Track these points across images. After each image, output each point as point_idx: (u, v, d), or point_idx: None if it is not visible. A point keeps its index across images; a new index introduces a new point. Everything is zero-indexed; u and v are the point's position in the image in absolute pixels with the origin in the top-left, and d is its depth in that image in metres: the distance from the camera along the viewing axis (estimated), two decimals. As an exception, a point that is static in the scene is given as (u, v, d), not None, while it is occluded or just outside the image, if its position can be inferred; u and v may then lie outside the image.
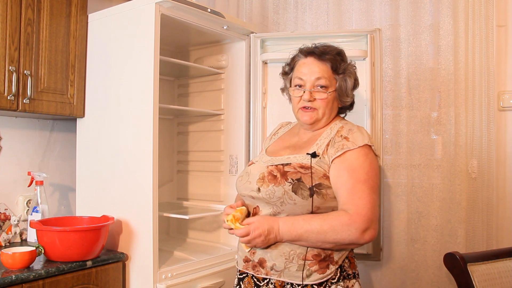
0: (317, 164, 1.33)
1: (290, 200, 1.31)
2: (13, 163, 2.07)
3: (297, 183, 1.30)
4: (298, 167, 1.33)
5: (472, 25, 2.07)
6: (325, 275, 1.29)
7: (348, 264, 1.35)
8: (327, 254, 1.30)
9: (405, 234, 2.21)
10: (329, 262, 1.30)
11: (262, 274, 1.35)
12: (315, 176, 1.31)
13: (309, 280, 1.29)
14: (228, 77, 2.30)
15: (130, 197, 1.84)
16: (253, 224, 1.31)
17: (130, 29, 1.87)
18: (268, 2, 2.55)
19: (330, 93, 1.40)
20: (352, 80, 1.42)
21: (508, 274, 1.67)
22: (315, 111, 1.41)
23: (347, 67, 1.43)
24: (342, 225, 1.25)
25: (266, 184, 1.34)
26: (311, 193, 1.29)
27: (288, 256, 1.31)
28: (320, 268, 1.29)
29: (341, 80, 1.41)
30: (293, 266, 1.31)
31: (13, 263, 1.53)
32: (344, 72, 1.41)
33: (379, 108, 2.03)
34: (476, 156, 2.06)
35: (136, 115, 1.83)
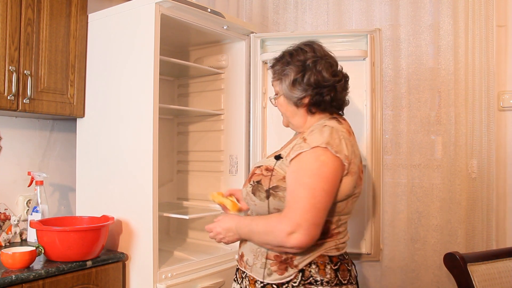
0: (279, 166, 1.34)
1: (251, 201, 1.37)
2: (13, 163, 2.07)
3: (256, 185, 1.35)
4: (264, 170, 1.37)
5: (472, 25, 2.07)
6: (283, 277, 1.31)
7: (316, 269, 1.30)
8: (288, 257, 1.30)
9: (405, 234, 2.21)
10: (288, 264, 1.30)
11: (242, 267, 1.43)
12: (274, 179, 1.32)
13: (269, 279, 1.32)
14: (228, 77, 2.30)
15: (130, 197, 1.84)
16: (217, 222, 1.43)
17: (130, 29, 1.87)
18: (268, 2, 2.55)
19: (277, 98, 1.46)
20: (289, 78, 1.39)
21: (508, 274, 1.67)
22: (283, 116, 1.49)
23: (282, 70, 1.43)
24: (271, 226, 1.26)
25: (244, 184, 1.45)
26: (267, 195, 1.32)
27: (256, 253, 1.36)
28: (279, 269, 1.31)
29: (280, 83, 1.43)
30: (258, 263, 1.35)
31: (13, 263, 1.53)
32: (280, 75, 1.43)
33: (379, 108, 2.03)
34: (476, 156, 2.06)
35: (136, 115, 1.83)
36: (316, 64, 1.38)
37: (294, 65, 1.40)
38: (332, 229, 1.34)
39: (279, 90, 1.45)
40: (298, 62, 1.40)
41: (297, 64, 1.39)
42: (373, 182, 2.01)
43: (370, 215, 2.00)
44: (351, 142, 1.34)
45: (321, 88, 1.38)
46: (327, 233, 1.32)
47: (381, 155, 2.05)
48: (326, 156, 1.25)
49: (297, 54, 1.42)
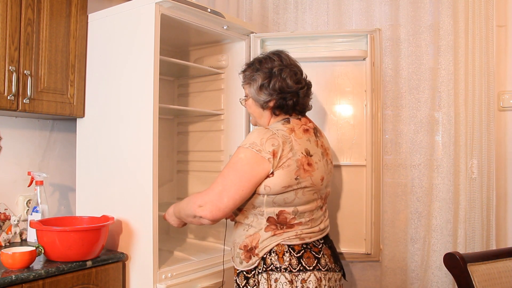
0: None
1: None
2: (13, 163, 2.07)
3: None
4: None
5: (472, 25, 2.07)
6: (249, 264, 1.50)
7: (276, 257, 1.46)
8: (252, 246, 1.49)
9: (405, 234, 2.21)
10: (251, 253, 1.49)
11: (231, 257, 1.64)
12: None
13: (241, 267, 1.52)
14: (228, 77, 2.30)
15: (130, 197, 1.84)
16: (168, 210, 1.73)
17: (130, 29, 1.87)
18: (268, 2, 2.55)
19: (246, 100, 1.65)
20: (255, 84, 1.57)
21: (508, 274, 1.67)
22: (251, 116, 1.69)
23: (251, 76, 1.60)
24: (190, 200, 1.53)
25: None
26: None
27: (233, 245, 1.58)
28: (246, 257, 1.50)
29: (249, 87, 1.61)
30: (234, 253, 1.56)
31: (13, 263, 1.52)
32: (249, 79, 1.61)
33: (379, 108, 2.04)
34: (476, 156, 2.06)
35: (136, 115, 1.83)
36: (282, 72, 1.55)
37: (262, 71, 1.57)
38: (289, 219, 1.47)
39: (248, 93, 1.62)
40: (266, 69, 1.57)
41: (265, 71, 1.57)
42: (373, 182, 2.01)
43: (370, 215, 2.00)
44: (289, 139, 1.46)
45: (285, 94, 1.54)
46: (285, 224, 1.47)
47: (381, 155, 2.05)
48: (244, 154, 1.46)
49: (266, 62, 1.59)
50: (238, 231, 1.55)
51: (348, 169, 2.06)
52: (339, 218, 2.06)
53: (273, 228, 1.47)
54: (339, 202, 2.06)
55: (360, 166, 2.03)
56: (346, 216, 2.06)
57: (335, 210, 2.05)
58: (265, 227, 1.48)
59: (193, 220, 1.53)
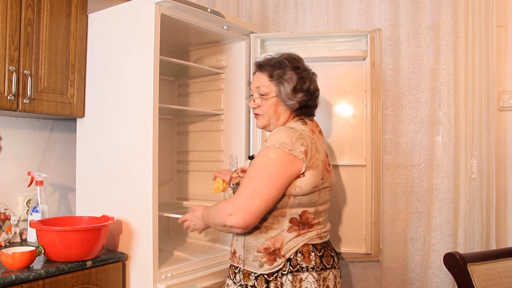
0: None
1: None
2: (13, 163, 2.07)
3: (236, 187, 1.48)
4: (240, 172, 1.53)
5: (472, 25, 2.07)
6: (273, 267, 1.43)
7: (302, 258, 1.44)
8: (276, 248, 1.44)
9: (405, 234, 2.21)
10: (276, 255, 1.44)
11: (235, 263, 1.55)
12: None
13: (262, 270, 1.45)
14: (228, 77, 2.30)
15: (130, 197, 1.84)
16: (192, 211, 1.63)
17: (130, 29, 1.87)
18: (268, 2, 2.55)
19: (267, 99, 1.54)
20: (290, 84, 1.51)
21: (508, 274, 1.67)
22: (261, 117, 1.58)
23: (283, 73, 1.52)
24: (219, 208, 1.44)
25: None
26: None
27: (247, 248, 1.49)
28: (269, 260, 1.44)
29: (278, 85, 1.52)
30: (250, 257, 1.48)
31: (13, 263, 1.52)
32: (279, 78, 1.52)
33: (379, 108, 2.04)
34: (476, 156, 2.06)
35: (136, 115, 1.83)
36: (310, 74, 1.57)
37: (294, 71, 1.53)
38: (310, 219, 1.47)
39: (271, 92, 1.54)
40: (298, 69, 1.54)
41: (297, 71, 1.53)
42: (373, 182, 2.01)
43: (370, 215, 2.00)
44: (313, 140, 1.47)
45: (312, 96, 1.56)
46: (307, 224, 1.47)
47: (381, 155, 2.05)
48: (276, 155, 1.40)
49: (294, 61, 1.56)
50: (253, 233, 1.48)
51: (348, 169, 2.06)
52: (339, 218, 2.06)
53: (296, 228, 1.45)
54: (339, 202, 2.06)
55: (360, 166, 2.03)
56: (346, 216, 2.06)
57: (335, 210, 2.05)
58: (288, 228, 1.45)
59: (223, 229, 1.47)
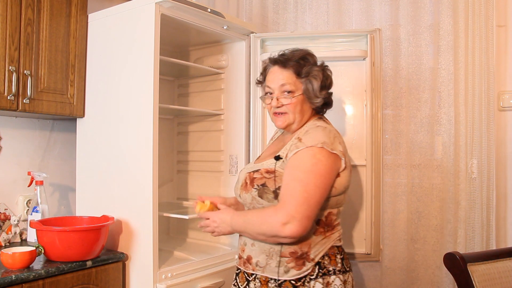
0: (280, 167, 1.40)
1: (258, 204, 1.41)
2: (13, 163, 2.07)
3: (262, 188, 1.40)
4: (265, 173, 1.42)
5: (472, 25, 2.06)
6: (301, 271, 1.36)
7: (328, 261, 1.39)
8: (304, 252, 1.36)
9: (405, 234, 2.21)
10: (305, 259, 1.36)
11: (250, 269, 1.45)
12: (278, 179, 1.38)
13: (287, 276, 1.37)
14: (228, 77, 2.30)
15: (130, 197, 1.84)
16: (215, 212, 1.47)
17: (130, 29, 1.87)
18: (268, 2, 2.55)
19: (295, 97, 1.45)
20: (318, 82, 1.45)
21: (508, 274, 1.67)
22: (286, 115, 1.47)
23: (310, 70, 1.45)
24: (266, 216, 1.32)
25: (242, 191, 1.46)
26: (275, 195, 1.37)
27: (268, 253, 1.39)
28: (296, 265, 1.36)
29: (306, 83, 1.45)
30: (272, 262, 1.38)
31: (13, 263, 1.52)
32: (308, 75, 1.45)
33: (379, 108, 2.04)
34: (476, 156, 2.06)
35: (136, 115, 1.83)
36: (328, 71, 1.50)
37: (318, 68, 1.47)
38: (333, 221, 1.43)
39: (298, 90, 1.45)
40: (320, 66, 1.48)
41: (320, 68, 1.48)
42: (373, 182, 2.01)
43: (370, 215, 2.00)
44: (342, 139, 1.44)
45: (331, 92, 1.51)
46: (330, 225, 1.42)
47: (381, 155, 2.05)
48: (322, 155, 1.34)
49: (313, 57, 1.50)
50: None
51: (348, 169, 2.06)
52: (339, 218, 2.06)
53: (322, 231, 1.40)
54: (339, 202, 2.06)
55: (360, 166, 2.03)
56: (346, 216, 2.05)
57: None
58: (315, 230, 1.38)
59: (269, 239, 1.35)
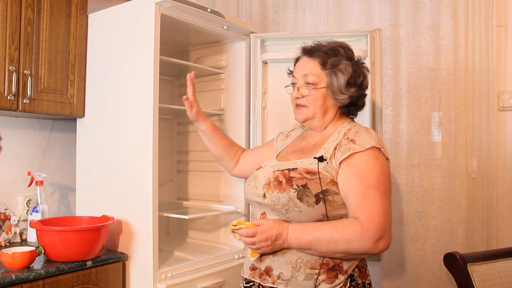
0: (324, 169, 1.28)
1: (295, 208, 1.26)
2: (13, 163, 2.07)
3: (303, 189, 1.25)
4: (304, 173, 1.28)
5: (472, 25, 2.07)
6: (333, 285, 1.25)
7: (358, 273, 1.29)
8: (336, 263, 1.26)
9: (405, 234, 2.21)
10: (338, 271, 1.26)
11: (268, 282, 1.31)
12: (322, 182, 1.25)
13: None
14: (228, 77, 2.30)
15: (130, 197, 1.84)
16: (261, 227, 1.26)
17: (130, 29, 1.87)
18: (268, 2, 2.55)
19: (317, 89, 1.34)
20: (345, 76, 1.33)
21: (508, 274, 1.67)
22: (305, 108, 1.37)
23: (338, 63, 1.33)
24: (354, 234, 1.18)
25: (271, 190, 1.29)
26: (317, 200, 1.24)
27: (295, 265, 1.27)
28: (328, 277, 1.25)
29: (330, 75, 1.33)
30: (300, 275, 1.26)
31: (13, 263, 1.52)
32: (333, 67, 1.33)
33: (379, 108, 2.04)
34: (476, 156, 2.06)
35: (136, 115, 1.83)
36: (364, 68, 1.38)
37: (348, 62, 1.34)
38: None
39: (322, 82, 1.34)
40: (352, 61, 1.36)
41: (352, 62, 1.35)
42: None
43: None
44: None
45: (363, 93, 1.39)
46: None
47: (389, 157, 2.05)
48: (382, 157, 1.26)
49: (348, 51, 1.37)
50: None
51: (348, 169, 2.06)
52: (339, 218, 2.06)
53: None
54: (339, 202, 2.06)
55: (360, 166, 2.03)
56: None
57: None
58: None
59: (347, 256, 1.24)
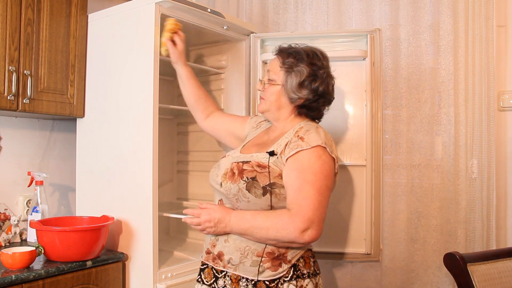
0: (274, 163, 1.36)
1: (244, 198, 1.36)
2: (13, 163, 2.07)
3: (251, 181, 1.35)
4: (256, 166, 1.37)
5: (472, 25, 2.07)
6: (277, 273, 1.34)
7: (303, 263, 1.38)
8: (281, 253, 1.34)
9: (405, 234, 2.21)
10: (281, 260, 1.34)
11: (220, 266, 1.42)
12: (271, 176, 1.35)
13: (261, 276, 1.34)
14: (228, 77, 2.30)
15: (130, 197, 1.84)
16: (207, 210, 1.40)
17: (130, 29, 1.87)
18: (268, 2, 2.55)
19: (272, 85, 1.46)
20: (298, 78, 1.42)
21: (508, 274, 1.67)
22: (263, 101, 1.50)
23: (295, 64, 1.43)
24: (282, 223, 1.28)
25: (226, 180, 1.40)
26: (264, 191, 1.34)
27: (243, 252, 1.36)
28: (272, 265, 1.34)
29: (286, 75, 1.44)
30: (247, 262, 1.36)
31: (13, 263, 1.52)
32: (289, 68, 1.43)
33: (379, 108, 2.04)
34: (476, 156, 2.06)
35: (136, 115, 1.83)
36: (327, 76, 1.46)
37: (308, 66, 1.43)
38: None
39: (278, 80, 1.46)
40: (313, 66, 1.44)
41: (312, 67, 1.43)
42: (373, 182, 2.01)
43: (370, 215, 2.00)
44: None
45: (322, 99, 1.46)
46: None
47: (381, 155, 2.05)
48: (326, 156, 1.34)
49: (313, 57, 1.45)
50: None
51: (348, 169, 2.06)
52: (339, 218, 2.06)
53: None
54: (339, 202, 2.06)
55: (360, 166, 2.03)
56: (346, 216, 2.06)
57: (335, 210, 2.05)
58: None
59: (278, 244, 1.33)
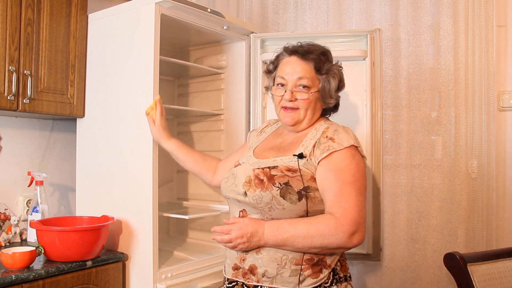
0: (304, 166, 1.31)
1: (279, 205, 1.28)
2: (13, 163, 2.07)
3: (285, 187, 1.27)
4: (285, 170, 1.30)
5: (472, 25, 2.07)
6: (318, 279, 1.28)
7: (340, 267, 1.33)
8: (320, 258, 1.29)
9: (405, 234, 2.21)
10: (322, 266, 1.29)
11: (253, 281, 1.32)
12: (304, 179, 1.29)
13: (302, 285, 1.27)
14: (228, 77, 2.30)
15: (130, 197, 1.84)
16: (237, 224, 1.30)
17: (130, 29, 1.88)
18: (268, 2, 2.55)
19: (312, 93, 1.37)
20: (336, 81, 1.39)
21: (508, 274, 1.67)
22: (297, 112, 1.39)
23: (331, 68, 1.39)
24: (329, 229, 1.22)
25: (253, 188, 1.30)
26: (299, 197, 1.27)
27: (280, 262, 1.29)
28: (313, 272, 1.28)
29: (324, 80, 1.38)
30: (286, 272, 1.28)
31: (13, 263, 1.53)
32: (328, 73, 1.38)
33: (379, 108, 2.04)
34: (476, 156, 2.06)
35: (136, 115, 1.83)
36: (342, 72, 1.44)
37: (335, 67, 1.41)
38: None
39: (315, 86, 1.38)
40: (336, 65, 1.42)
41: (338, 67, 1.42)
42: (373, 182, 2.01)
43: (370, 215, 2.00)
44: None
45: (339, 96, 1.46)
46: None
47: (381, 155, 2.05)
48: (358, 155, 1.31)
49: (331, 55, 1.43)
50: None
51: (348, 169, 2.06)
52: (339, 218, 2.06)
53: None
54: (339, 202, 2.06)
55: (360, 166, 2.03)
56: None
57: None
58: None
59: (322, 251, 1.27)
